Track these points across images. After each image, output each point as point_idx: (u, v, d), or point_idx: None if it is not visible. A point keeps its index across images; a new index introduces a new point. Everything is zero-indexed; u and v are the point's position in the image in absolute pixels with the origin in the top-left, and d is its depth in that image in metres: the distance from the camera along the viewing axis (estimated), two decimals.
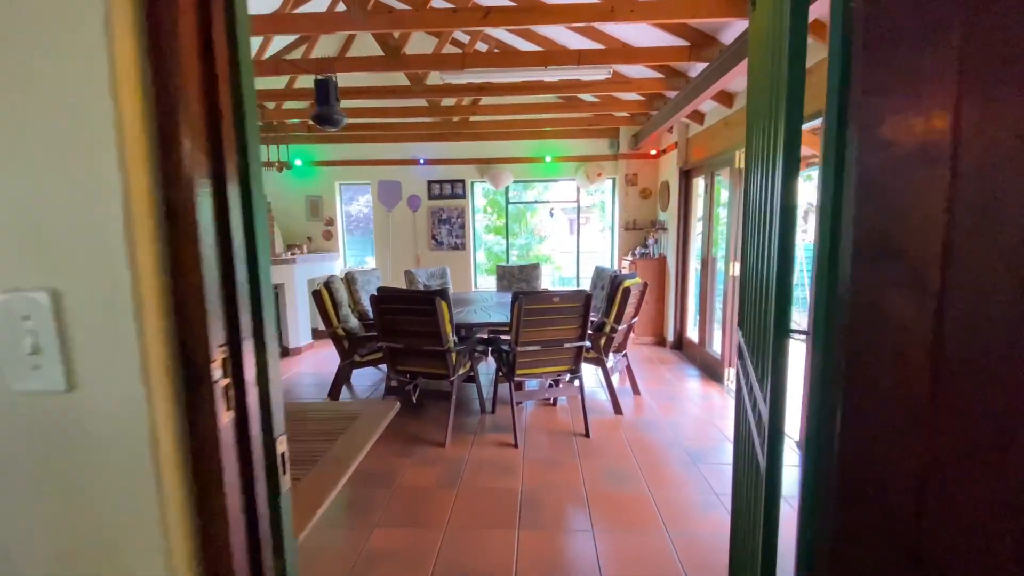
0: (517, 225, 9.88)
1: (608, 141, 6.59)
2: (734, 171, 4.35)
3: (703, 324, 5.16)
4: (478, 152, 6.72)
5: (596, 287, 5.10)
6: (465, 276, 6.97)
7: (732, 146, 4.37)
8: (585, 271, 7.37)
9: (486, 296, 4.97)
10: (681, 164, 5.61)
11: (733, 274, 4.46)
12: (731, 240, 4.43)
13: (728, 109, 4.45)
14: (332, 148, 6.82)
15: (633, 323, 4.15)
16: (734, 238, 4.41)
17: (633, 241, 6.58)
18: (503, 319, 3.73)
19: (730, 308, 4.52)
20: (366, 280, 4.84)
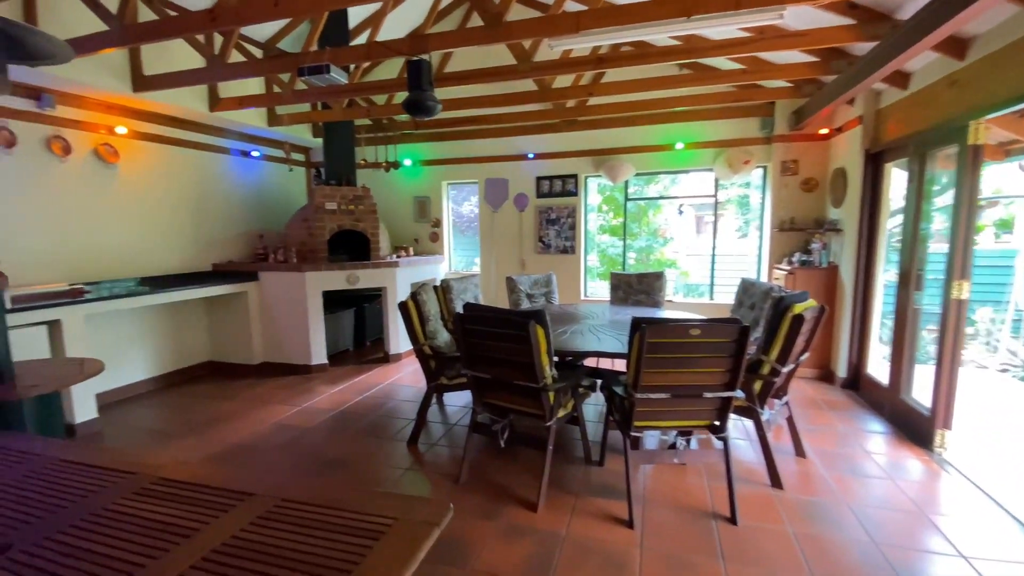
0: (636, 225, 8.83)
1: (759, 121, 5.33)
2: (967, 150, 2.99)
3: (897, 361, 3.78)
4: (594, 142, 5.89)
5: (742, 306, 4.01)
6: (573, 284, 6.19)
7: (962, 113, 3.02)
8: (722, 279, 6.15)
9: (597, 311, 4.16)
10: (867, 145, 4.23)
11: (959, 296, 3.10)
12: (956, 249, 3.08)
13: (957, 62, 3.09)
14: (440, 146, 6.49)
15: (801, 361, 3.04)
16: (961, 245, 3.05)
17: (790, 245, 5.25)
18: (618, 347, 2.90)
19: (951, 343, 3.16)
20: (463, 288, 4.31)
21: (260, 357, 5.21)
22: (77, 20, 3.38)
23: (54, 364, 2.29)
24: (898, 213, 4.50)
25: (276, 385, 4.80)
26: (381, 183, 6.71)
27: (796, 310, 2.73)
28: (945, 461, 3.12)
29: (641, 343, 2.29)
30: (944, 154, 3.48)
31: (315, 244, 5.24)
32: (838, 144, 4.76)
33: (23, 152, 3.64)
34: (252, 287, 5.09)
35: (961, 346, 3.16)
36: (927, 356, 3.76)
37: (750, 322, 3.72)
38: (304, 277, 4.96)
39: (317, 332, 5.09)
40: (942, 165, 3.56)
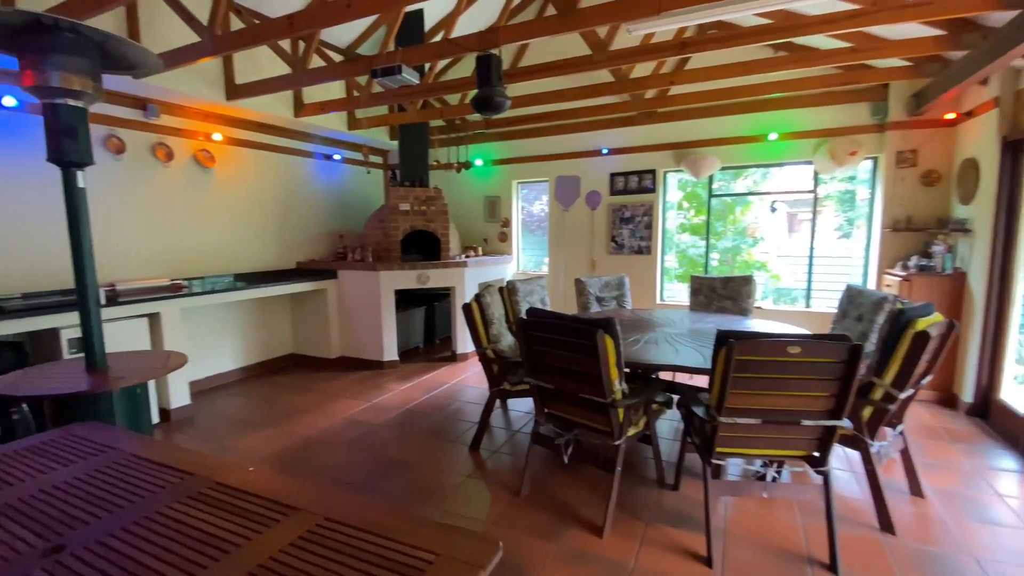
0: (721, 223, 8.21)
1: (869, 106, 4.70)
2: None
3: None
4: (675, 135, 5.51)
5: (846, 316, 3.53)
6: (648, 287, 5.85)
7: None
8: (819, 284, 5.52)
9: (675, 318, 3.85)
10: (1005, 132, 3.55)
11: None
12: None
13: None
14: (511, 145, 6.40)
15: (922, 385, 2.58)
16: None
17: (905, 247, 4.58)
18: (698, 361, 2.62)
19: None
20: (528, 290, 4.17)
21: (337, 351, 5.41)
22: (175, 33, 3.65)
23: (143, 356, 2.44)
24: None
25: (350, 379, 4.95)
26: (452, 183, 6.75)
27: (919, 326, 2.30)
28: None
29: (728, 360, 2.02)
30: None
31: (389, 244, 5.35)
32: (967, 131, 4.06)
33: (131, 158, 4.00)
34: (331, 285, 5.30)
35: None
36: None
37: (856, 336, 3.27)
38: (378, 276, 5.07)
39: (389, 329, 5.19)
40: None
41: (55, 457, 1.51)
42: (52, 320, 3.04)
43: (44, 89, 1.88)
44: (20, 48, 1.86)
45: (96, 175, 3.77)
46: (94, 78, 2.00)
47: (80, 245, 2.08)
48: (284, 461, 3.18)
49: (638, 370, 2.83)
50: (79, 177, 2.05)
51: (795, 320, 5.14)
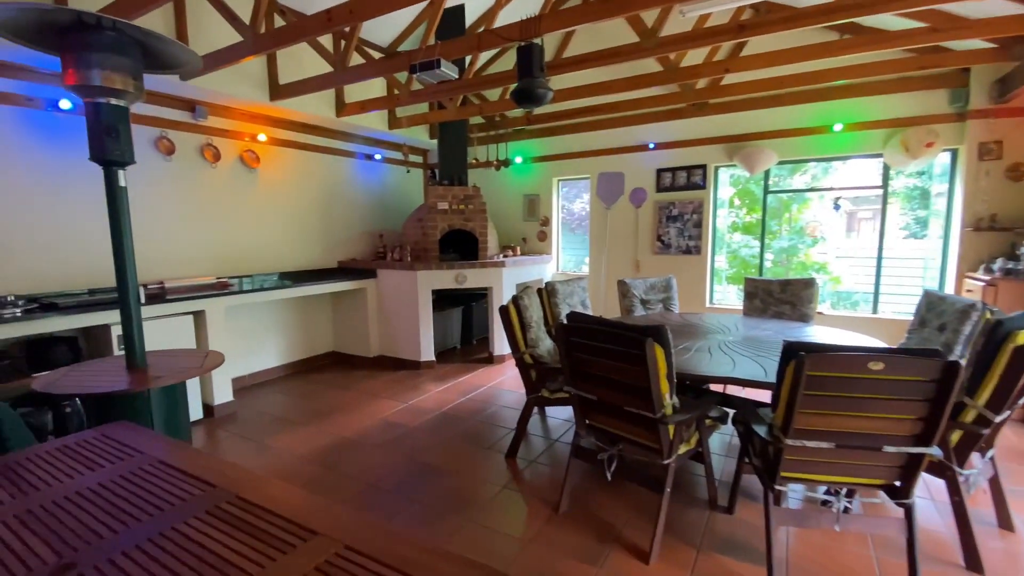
0: (776, 221, 7.74)
1: (947, 93, 4.25)
2: None
3: None
4: (727, 128, 5.19)
5: (925, 325, 3.18)
6: (697, 289, 5.55)
7: None
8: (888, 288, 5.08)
9: (728, 324, 3.58)
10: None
11: None
12: None
13: None
14: (552, 142, 6.23)
15: (1019, 406, 2.26)
16: None
17: (988, 248, 4.12)
18: (758, 373, 2.38)
19: None
20: (568, 292, 4.01)
21: (376, 351, 5.42)
22: (222, 35, 3.70)
23: (182, 356, 2.45)
24: None
25: (388, 379, 4.93)
26: (491, 181, 6.65)
27: (1021, 339, 2.00)
28: None
29: (797, 376, 1.79)
30: None
31: (427, 243, 5.31)
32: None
33: (180, 158, 4.11)
34: (371, 284, 5.31)
35: None
36: None
37: (940, 347, 2.92)
38: (416, 276, 5.03)
39: (426, 329, 5.15)
40: None
41: (84, 460, 1.48)
42: (103, 317, 3.13)
43: (86, 88, 1.89)
44: (63, 47, 1.87)
45: (147, 175, 3.88)
46: (135, 77, 1.99)
47: (121, 244, 2.08)
48: (319, 462, 3.15)
49: (687, 381, 2.62)
50: (120, 176, 2.06)
51: (862, 327, 4.74)
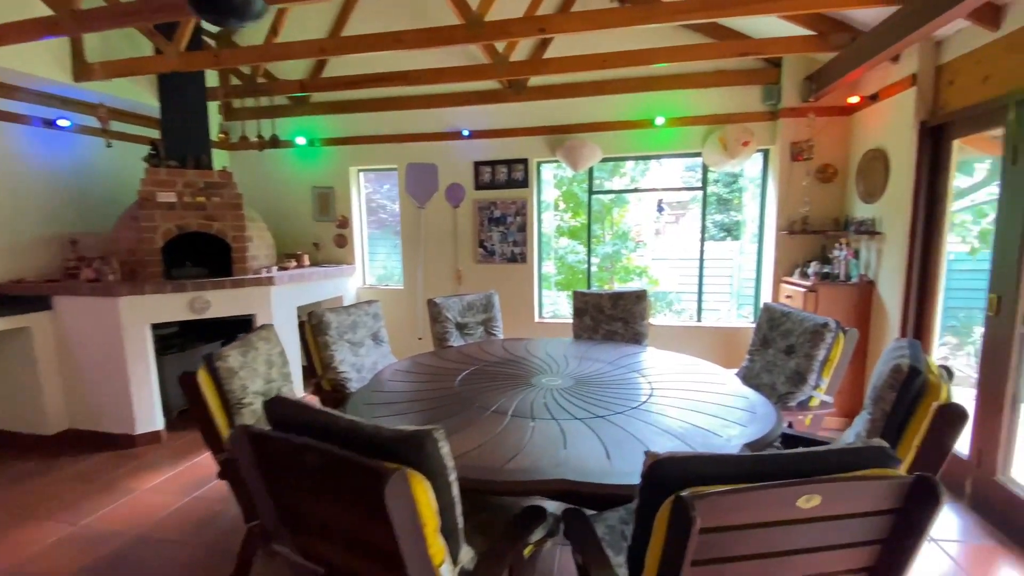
0: (599, 225, 7.52)
1: (762, 90, 4.08)
2: None
3: (988, 424, 2.56)
4: (549, 116, 4.47)
5: (768, 345, 2.69)
6: (525, 303, 4.77)
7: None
8: (712, 294, 4.89)
9: (556, 354, 2.74)
10: (924, 116, 3.02)
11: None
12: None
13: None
14: (348, 121, 4.89)
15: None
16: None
17: (803, 252, 4.03)
18: (593, 456, 1.46)
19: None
20: (350, 324, 2.78)
21: (59, 423, 3.48)
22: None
23: None
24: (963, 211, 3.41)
25: (75, 471, 3.12)
26: (266, 168, 5.05)
27: (943, 395, 1.39)
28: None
29: (678, 527, 0.86)
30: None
31: (143, 253, 3.56)
32: (871, 118, 3.56)
33: None
34: (41, 320, 3.36)
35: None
36: None
37: (790, 376, 2.41)
38: (117, 304, 3.28)
39: (143, 385, 3.42)
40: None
41: None
42: None
43: None
44: None
45: None
46: None
47: None
48: None
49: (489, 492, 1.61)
50: None
51: (691, 341, 4.41)
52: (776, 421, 1.83)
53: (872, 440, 1.01)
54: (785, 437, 2.14)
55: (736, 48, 3.43)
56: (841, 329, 2.36)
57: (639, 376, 2.41)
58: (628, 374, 2.43)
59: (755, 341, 2.82)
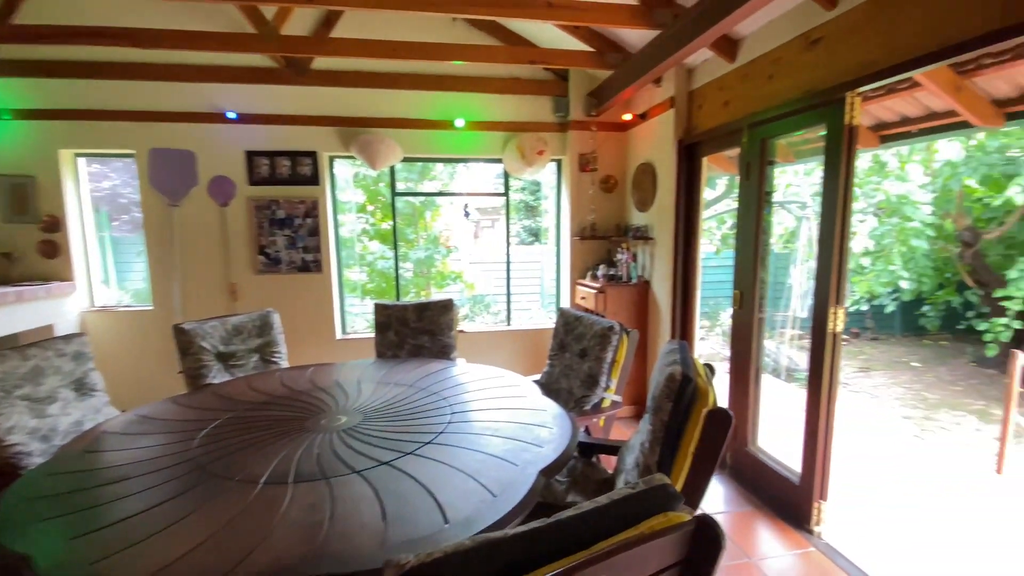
0: (411, 229, 7.19)
1: (552, 101, 4.25)
2: (842, 131, 2.20)
3: (740, 401, 3.01)
4: (340, 105, 3.98)
5: (565, 350, 2.71)
6: (324, 319, 4.18)
7: (826, 82, 2.23)
8: (523, 295, 4.97)
9: (350, 380, 2.33)
10: (681, 135, 3.44)
11: (834, 329, 2.33)
12: (831, 267, 2.30)
13: (824, 10, 2.31)
14: (57, 88, 3.63)
15: None
16: (837, 262, 2.27)
17: (593, 256, 4.32)
18: (374, 555, 1.14)
19: (827, 390, 2.38)
20: (33, 371, 1.92)
21: None
22: None
23: None
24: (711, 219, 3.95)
25: None
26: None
27: (710, 399, 1.43)
28: (834, 550, 2.32)
29: None
30: (789, 141, 2.79)
31: None
32: (642, 134, 3.96)
33: None
34: None
35: (836, 395, 2.41)
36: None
37: (584, 380, 2.43)
38: None
39: None
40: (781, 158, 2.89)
41: None
42: None
43: None
44: None
45: None
46: None
47: None
48: None
49: None
50: None
51: (503, 346, 4.39)
52: (571, 435, 1.75)
53: (653, 479, 0.91)
54: (582, 447, 2.13)
55: (525, 55, 3.46)
56: (624, 331, 2.46)
57: (440, 399, 2.15)
58: (428, 398, 2.16)
59: (553, 346, 2.82)
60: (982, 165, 5.79)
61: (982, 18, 1.60)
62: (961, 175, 6.08)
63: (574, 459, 2.08)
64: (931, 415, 6.00)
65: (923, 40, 1.82)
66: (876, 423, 4.79)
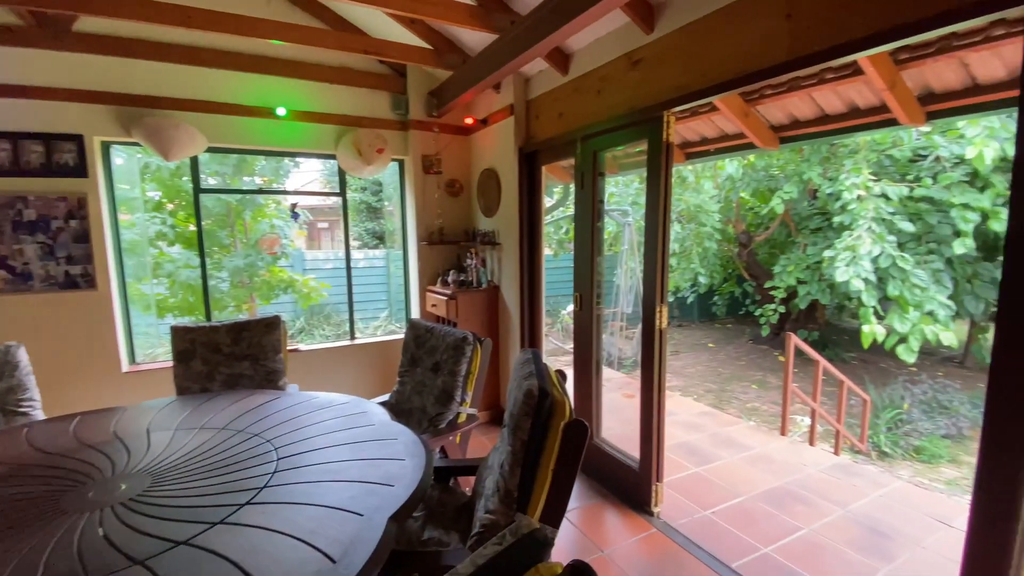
0: (226, 232, 6.17)
1: (389, 97, 4.00)
2: (660, 147, 2.42)
3: (584, 396, 3.16)
4: (116, 78, 3.18)
5: (417, 364, 2.53)
6: (101, 348, 3.30)
7: (647, 101, 2.44)
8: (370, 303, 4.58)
9: (136, 429, 1.81)
10: (521, 143, 3.50)
11: (661, 325, 2.56)
12: (655, 269, 2.51)
13: (643, 34, 2.51)
14: None
15: None
16: (660, 264, 2.50)
17: (441, 260, 4.18)
18: None
19: (656, 380, 2.60)
20: None
21: None
22: None
23: None
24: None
25: None
26: None
27: (566, 411, 1.40)
28: (671, 528, 2.55)
29: None
30: (614, 155, 2.99)
31: None
32: (485, 139, 3.95)
33: None
34: None
35: (665, 384, 2.65)
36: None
37: (439, 396, 2.29)
38: None
39: None
40: (608, 171, 3.09)
41: None
42: None
43: None
44: None
45: None
46: None
47: None
48: None
49: None
50: None
51: (347, 363, 3.99)
52: (426, 464, 1.58)
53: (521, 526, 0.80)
54: (438, 472, 1.97)
55: (356, 43, 3.16)
56: (478, 340, 2.38)
57: (263, 442, 1.79)
58: (247, 443, 1.79)
59: (404, 362, 2.62)
60: (753, 180, 7.11)
61: (772, 53, 1.86)
62: (739, 188, 7.41)
63: (430, 487, 1.91)
64: (725, 386, 7.18)
65: (723, 69, 2.07)
66: (686, 401, 5.53)
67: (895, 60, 2.29)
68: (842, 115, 2.86)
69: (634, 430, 2.71)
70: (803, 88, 2.69)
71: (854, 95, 2.69)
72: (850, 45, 1.61)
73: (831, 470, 3.26)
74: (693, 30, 2.20)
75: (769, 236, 8.00)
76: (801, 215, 7.25)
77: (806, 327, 7.72)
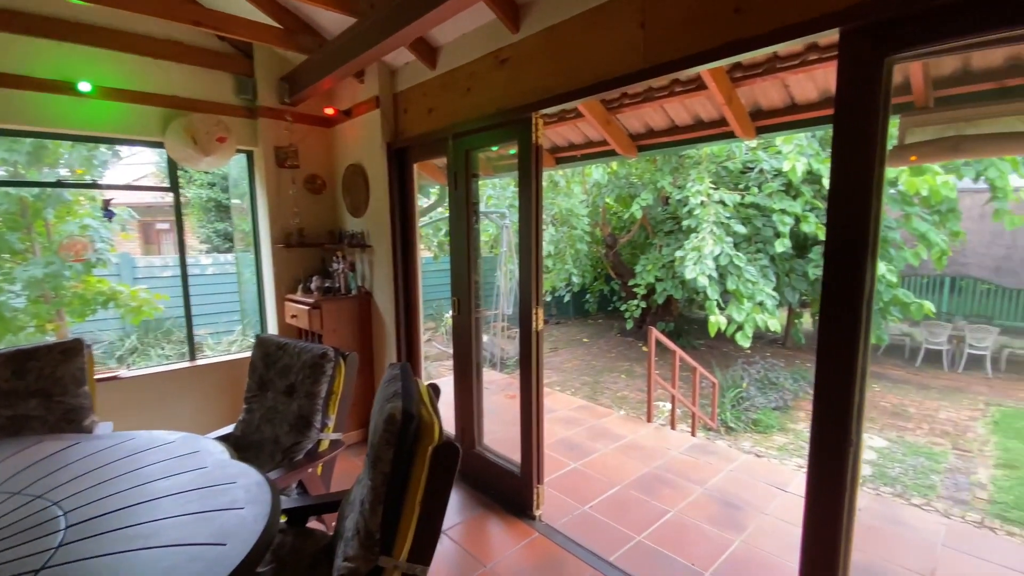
0: (21, 236, 4.93)
1: (232, 80, 3.49)
2: (530, 150, 2.40)
3: (465, 405, 3.05)
4: None
5: (267, 388, 2.20)
6: None
7: (515, 101, 2.41)
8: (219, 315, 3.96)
9: None
10: (390, 139, 3.28)
11: (537, 327, 2.55)
12: (530, 273, 2.49)
13: (510, 33, 2.46)
14: None
15: None
16: (534, 268, 2.48)
17: (302, 265, 3.77)
18: None
19: (535, 385, 2.59)
20: None
21: None
22: None
23: None
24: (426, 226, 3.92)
25: None
26: None
27: (435, 433, 1.26)
28: (552, 529, 2.54)
29: None
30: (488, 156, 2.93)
31: None
32: (349, 132, 3.64)
33: None
34: None
35: (543, 384, 2.65)
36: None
37: (295, 422, 2.01)
38: None
39: None
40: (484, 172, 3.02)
41: None
42: None
43: None
44: None
45: None
46: None
47: None
48: None
49: None
50: None
51: (187, 390, 3.39)
52: (271, 510, 1.33)
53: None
54: (291, 514, 1.71)
55: (185, 13, 2.68)
56: (341, 355, 2.13)
57: (48, 504, 1.38)
58: (23, 508, 1.36)
59: (251, 385, 2.26)
60: (616, 187, 7.64)
61: (629, 60, 1.91)
62: (604, 194, 7.91)
63: (280, 533, 1.64)
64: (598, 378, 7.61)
65: (585, 74, 2.09)
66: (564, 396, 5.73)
67: (731, 78, 2.54)
68: (689, 127, 3.13)
69: (517, 433, 2.66)
70: (656, 99, 2.87)
71: (699, 108, 2.95)
72: (698, 56, 1.71)
73: (690, 451, 3.57)
74: (557, 33, 2.20)
75: (631, 238, 8.68)
76: (656, 219, 7.98)
77: (664, 319, 8.51)
